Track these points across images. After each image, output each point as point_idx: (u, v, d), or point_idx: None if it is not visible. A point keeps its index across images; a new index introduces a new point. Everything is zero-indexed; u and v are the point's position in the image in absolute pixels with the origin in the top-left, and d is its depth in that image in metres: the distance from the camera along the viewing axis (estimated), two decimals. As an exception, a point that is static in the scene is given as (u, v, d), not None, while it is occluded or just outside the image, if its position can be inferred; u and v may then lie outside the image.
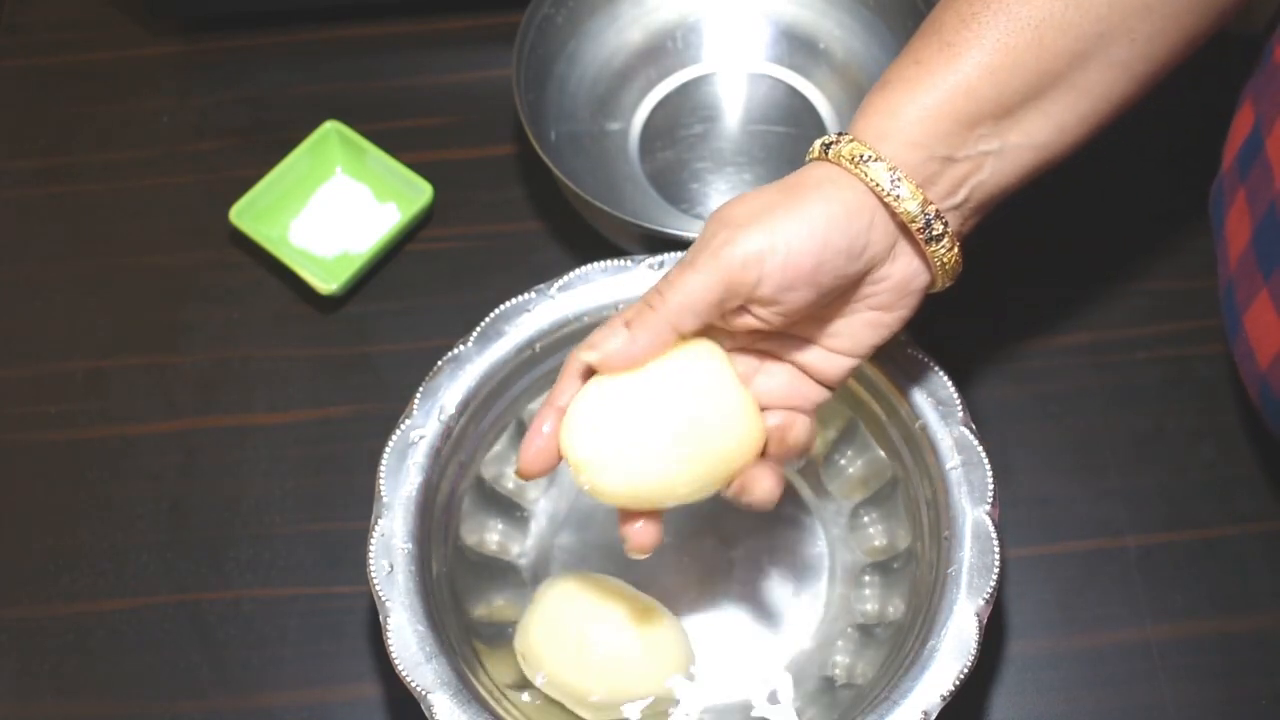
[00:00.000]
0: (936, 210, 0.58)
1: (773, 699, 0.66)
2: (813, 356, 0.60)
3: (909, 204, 0.57)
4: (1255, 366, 0.63)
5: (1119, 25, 0.58)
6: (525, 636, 0.64)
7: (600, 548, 0.70)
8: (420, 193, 0.80)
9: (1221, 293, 0.67)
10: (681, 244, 0.71)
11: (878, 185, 0.57)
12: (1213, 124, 0.72)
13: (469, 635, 0.65)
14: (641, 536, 0.59)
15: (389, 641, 0.61)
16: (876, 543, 0.69)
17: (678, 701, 0.65)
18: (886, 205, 0.57)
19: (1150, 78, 0.60)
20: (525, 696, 0.64)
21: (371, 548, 0.63)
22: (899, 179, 0.57)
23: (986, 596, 0.60)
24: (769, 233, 0.56)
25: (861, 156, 0.57)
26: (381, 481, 0.65)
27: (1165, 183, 0.80)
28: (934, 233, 0.58)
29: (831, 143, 0.58)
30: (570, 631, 0.63)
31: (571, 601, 0.64)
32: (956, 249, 0.59)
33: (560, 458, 0.57)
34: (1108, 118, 0.61)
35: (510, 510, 0.70)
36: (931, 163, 0.58)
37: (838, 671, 0.65)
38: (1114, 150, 0.80)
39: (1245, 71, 0.68)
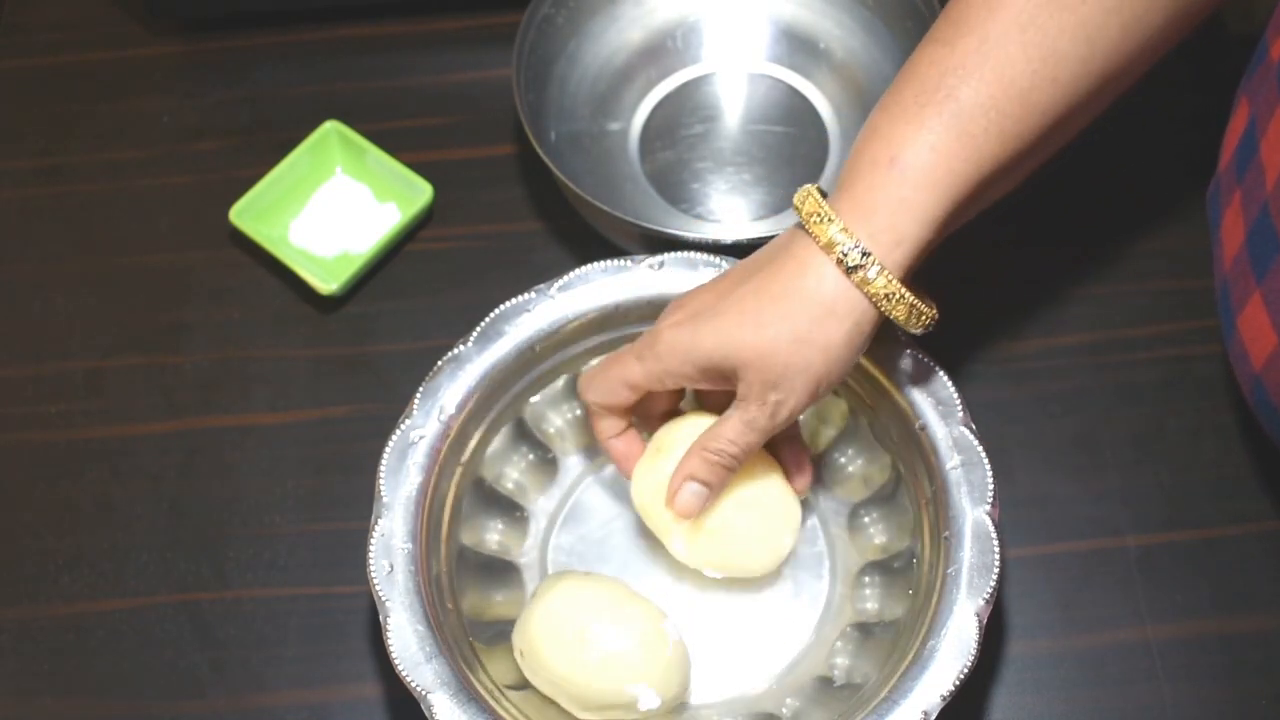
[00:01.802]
0: (934, 317, 0.60)
1: (771, 698, 0.66)
2: None
3: (914, 330, 0.60)
4: (1249, 368, 0.63)
5: (1079, 114, 0.60)
6: (524, 633, 0.64)
7: (599, 548, 0.70)
8: (420, 193, 0.80)
9: (1217, 293, 0.67)
10: (681, 244, 0.71)
11: (894, 318, 0.59)
12: (1213, 123, 0.72)
13: (469, 635, 0.65)
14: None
15: (389, 641, 0.61)
16: (876, 542, 0.69)
17: (674, 702, 0.65)
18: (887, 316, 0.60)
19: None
20: (525, 696, 0.64)
21: (371, 548, 0.63)
22: (919, 319, 0.59)
23: (986, 596, 0.60)
24: (811, 386, 0.59)
25: (889, 296, 0.58)
26: (381, 481, 0.65)
27: (1166, 182, 0.80)
28: (928, 333, 0.61)
29: (847, 258, 0.57)
30: (569, 629, 0.63)
31: (571, 599, 0.64)
32: (934, 316, 0.61)
33: None
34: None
35: (510, 510, 0.71)
36: (925, 255, 0.60)
37: (837, 671, 0.65)
38: (1114, 149, 0.80)
39: (1244, 69, 0.68)
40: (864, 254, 0.57)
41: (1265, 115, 0.62)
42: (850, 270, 0.57)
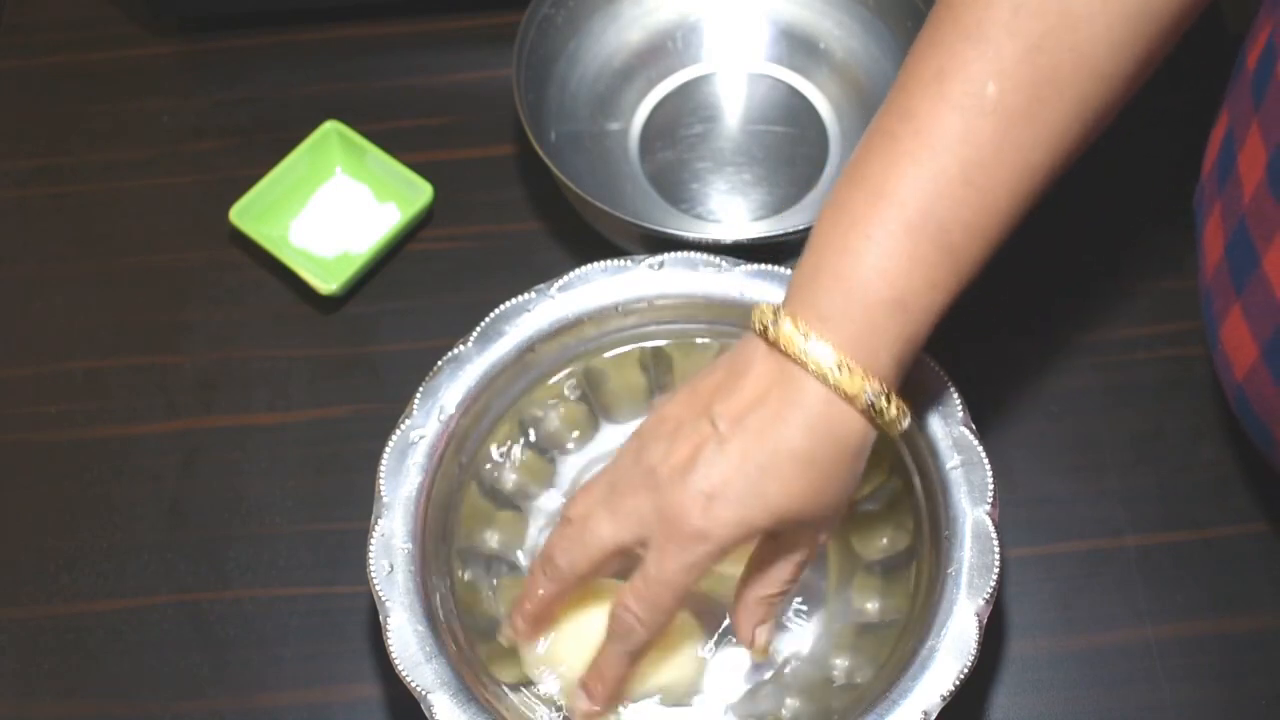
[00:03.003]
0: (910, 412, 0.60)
1: (771, 698, 0.66)
2: None
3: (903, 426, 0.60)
4: (1231, 377, 0.63)
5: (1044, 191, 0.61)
6: None
7: (600, 548, 0.70)
8: (420, 193, 0.80)
9: (1201, 300, 0.67)
10: (681, 244, 0.71)
11: (891, 432, 0.59)
12: (1212, 122, 0.72)
13: (469, 636, 0.65)
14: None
15: (389, 641, 0.61)
16: (876, 542, 0.69)
17: (678, 698, 0.65)
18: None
19: None
20: (525, 697, 0.64)
21: (371, 548, 0.63)
22: (904, 419, 0.59)
23: (986, 596, 0.60)
24: (826, 524, 0.60)
25: (895, 420, 0.58)
26: (381, 481, 0.65)
27: (1166, 181, 0.80)
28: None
29: (874, 405, 0.57)
30: (574, 620, 0.63)
31: (578, 591, 0.64)
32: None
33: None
34: None
35: (510, 510, 0.70)
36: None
37: (837, 672, 0.65)
38: (1114, 150, 0.80)
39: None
40: (885, 396, 0.58)
41: (1242, 127, 0.62)
42: (873, 414, 0.58)
